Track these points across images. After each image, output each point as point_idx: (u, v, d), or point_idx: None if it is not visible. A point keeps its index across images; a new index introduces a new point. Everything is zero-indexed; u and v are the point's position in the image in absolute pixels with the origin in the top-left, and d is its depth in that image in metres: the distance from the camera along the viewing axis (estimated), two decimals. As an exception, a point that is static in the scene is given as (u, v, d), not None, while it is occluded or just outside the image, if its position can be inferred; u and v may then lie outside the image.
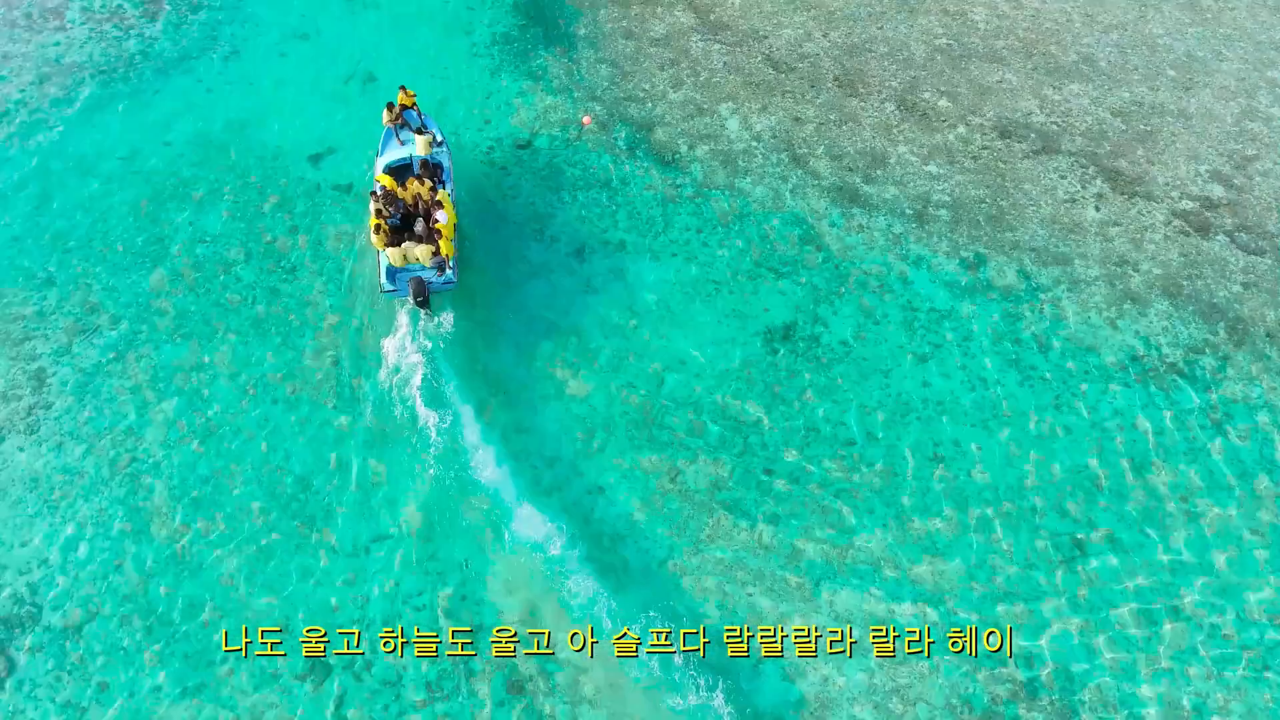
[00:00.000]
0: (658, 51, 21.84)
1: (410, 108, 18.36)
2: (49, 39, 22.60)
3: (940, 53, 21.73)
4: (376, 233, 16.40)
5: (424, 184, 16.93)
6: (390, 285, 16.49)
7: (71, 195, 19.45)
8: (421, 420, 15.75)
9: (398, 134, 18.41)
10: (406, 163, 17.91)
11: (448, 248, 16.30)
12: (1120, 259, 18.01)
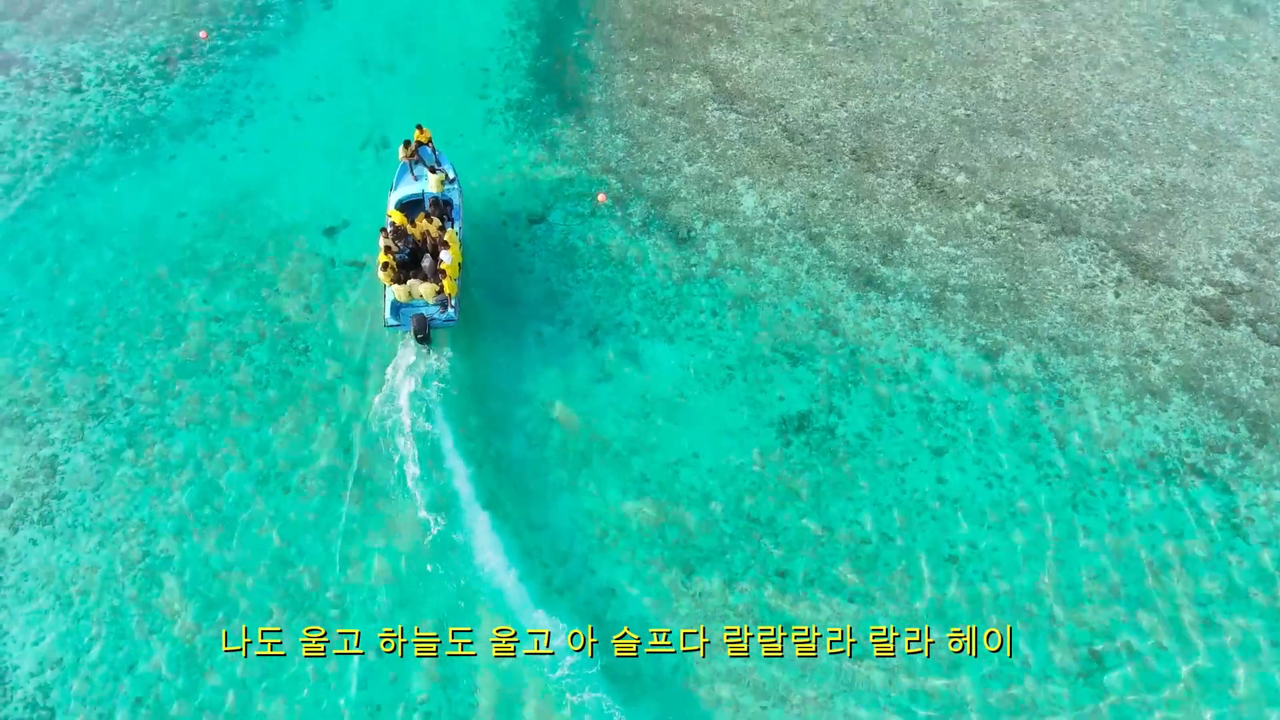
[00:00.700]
0: (673, 121, 21.90)
1: (425, 144, 19.34)
2: (64, 101, 22.83)
3: (959, 124, 21.72)
4: (384, 269, 17.27)
5: (432, 222, 17.85)
6: (394, 320, 17.42)
7: (87, 268, 19.64)
8: (433, 514, 15.85)
9: (412, 169, 19.42)
10: (419, 198, 18.88)
11: (451, 287, 17.28)
12: (1140, 349, 17.96)
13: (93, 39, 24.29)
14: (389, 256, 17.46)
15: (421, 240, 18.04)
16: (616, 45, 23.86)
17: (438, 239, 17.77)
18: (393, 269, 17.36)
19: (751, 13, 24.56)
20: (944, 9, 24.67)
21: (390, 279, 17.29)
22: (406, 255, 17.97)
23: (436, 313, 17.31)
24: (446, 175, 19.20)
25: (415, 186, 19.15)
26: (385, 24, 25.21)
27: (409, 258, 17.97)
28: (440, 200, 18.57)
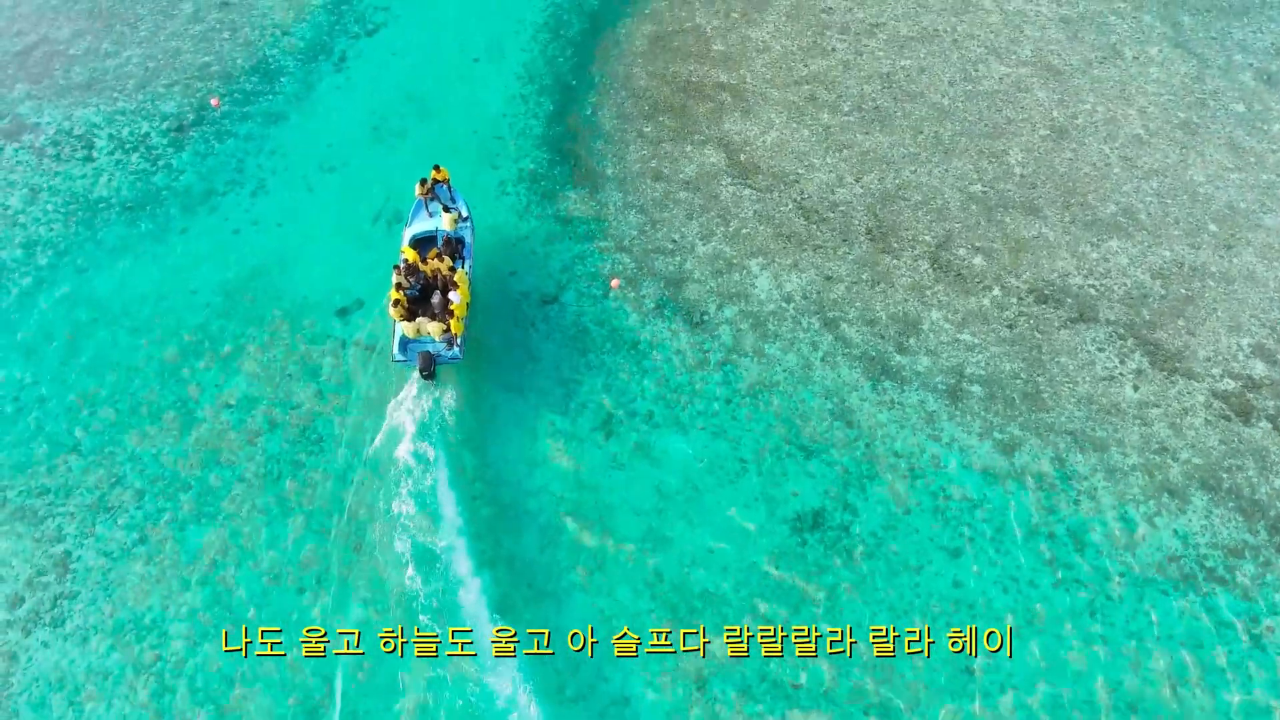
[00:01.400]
0: (687, 196, 21.98)
1: (442, 182, 20.09)
2: (76, 170, 23.02)
3: (975, 201, 21.75)
4: (395, 306, 18.12)
5: (444, 261, 18.77)
6: (401, 356, 18.38)
7: (99, 349, 19.79)
8: (444, 622, 15.88)
9: (427, 206, 20.30)
10: (432, 235, 19.90)
11: (458, 326, 18.17)
12: (1159, 446, 17.95)
13: (104, 103, 24.47)
14: (400, 294, 18.29)
15: (433, 277, 18.90)
16: (630, 114, 23.93)
17: (448, 277, 18.64)
18: (403, 306, 18.20)
19: (766, 80, 24.63)
20: (960, 76, 24.70)
21: (400, 315, 18.10)
22: (417, 291, 18.92)
23: (443, 350, 18.21)
24: (460, 213, 20.06)
25: (430, 223, 20.07)
26: (396, 86, 25.34)
27: (419, 294, 18.93)
28: (453, 239, 19.66)
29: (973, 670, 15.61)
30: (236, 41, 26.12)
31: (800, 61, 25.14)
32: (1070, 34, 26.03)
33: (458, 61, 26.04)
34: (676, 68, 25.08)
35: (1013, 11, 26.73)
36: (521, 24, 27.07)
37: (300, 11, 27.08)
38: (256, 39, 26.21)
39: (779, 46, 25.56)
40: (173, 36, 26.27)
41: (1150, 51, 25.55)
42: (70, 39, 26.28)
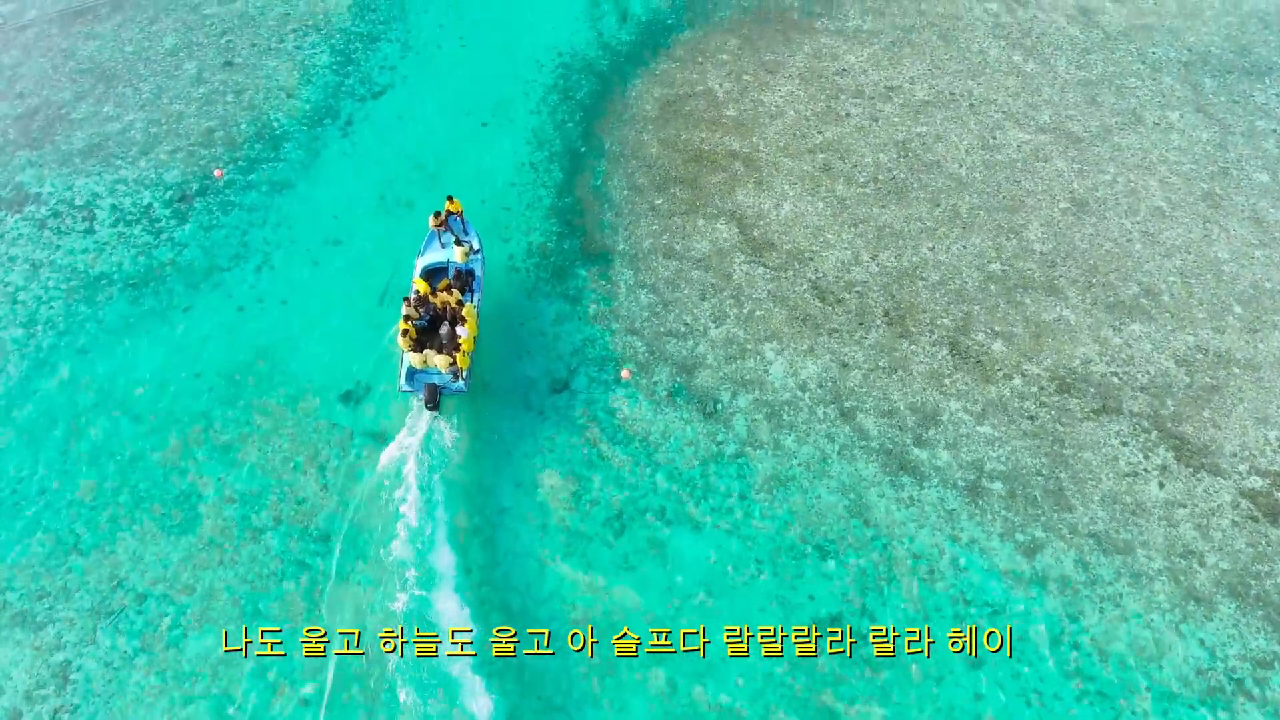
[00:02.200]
0: (699, 275, 21.79)
1: (455, 214, 20.83)
2: (78, 243, 22.91)
3: (994, 281, 21.53)
4: (404, 336, 18.95)
5: (453, 294, 19.65)
6: (408, 386, 19.06)
7: (100, 437, 19.65)
8: (455, 741, 15.72)
9: (440, 237, 21.06)
10: (444, 266, 20.75)
11: (464, 361, 18.94)
12: (1185, 549, 17.70)
13: (106, 171, 24.37)
14: (409, 325, 19.07)
15: (442, 309, 19.78)
16: (641, 185, 23.77)
17: (456, 310, 19.55)
18: (411, 336, 18.98)
19: (779, 148, 24.46)
20: (978, 144, 24.51)
21: (408, 346, 18.89)
22: (426, 322, 19.83)
23: (449, 381, 18.94)
24: (471, 246, 20.94)
25: (441, 254, 20.91)
26: (403, 152, 25.23)
27: (428, 324, 19.84)
28: (463, 271, 20.52)
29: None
30: (240, 105, 26.02)
31: (814, 128, 24.96)
32: (1089, 97, 25.83)
33: (465, 125, 25.91)
34: (688, 135, 24.92)
35: (1030, 73, 26.54)
36: (530, 85, 26.96)
37: (305, 73, 26.98)
38: (261, 102, 26.10)
39: (792, 112, 25.40)
40: (176, 99, 26.17)
41: (1171, 117, 25.34)
42: (72, 101, 26.21)
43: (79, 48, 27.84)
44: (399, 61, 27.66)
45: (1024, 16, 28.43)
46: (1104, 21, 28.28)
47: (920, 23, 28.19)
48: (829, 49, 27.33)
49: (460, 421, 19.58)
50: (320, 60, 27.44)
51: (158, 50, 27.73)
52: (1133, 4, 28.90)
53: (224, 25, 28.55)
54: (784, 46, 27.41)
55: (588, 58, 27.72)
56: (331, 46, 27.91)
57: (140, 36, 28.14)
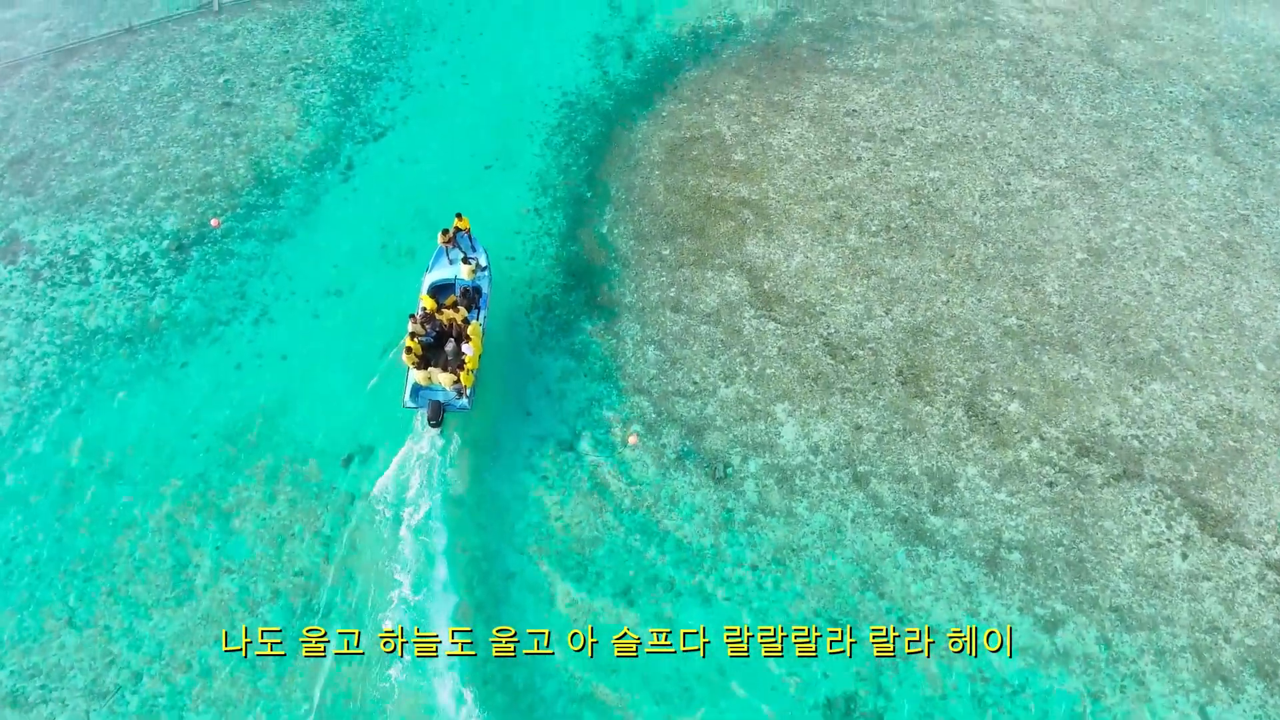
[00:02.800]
0: (708, 331, 21.44)
1: (463, 231, 21.12)
2: (72, 296, 22.58)
3: (1011, 337, 21.17)
4: (408, 353, 19.08)
5: (459, 311, 19.98)
6: (412, 403, 19.35)
7: (95, 502, 19.33)
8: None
9: (448, 254, 21.28)
10: (450, 282, 21.01)
11: (468, 379, 19.18)
12: (1210, 624, 17.33)
13: (102, 218, 24.06)
14: (414, 342, 19.28)
15: (448, 326, 20.10)
16: (648, 233, 23.44)
17: (462, 328, 19.88)
18: (416, 354, 19.20)
19: (789, 195, 24.11)
20: (992, 190, 24.17)
21: (413, 362, 19.08)
22: (432, 338, 20.13)
23: (453, 398, 19.23)
24: (478, 263, 21.06)
25: (449, 271, 21.22)
26: (405, 198, 24.91)
27: (434, 340, 20.13)
28: (470, 288, 20.78)
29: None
30: (238, 148, 25.70)
31: (825, 173, 24.63)
32: (1105, 140, 25.49)
33: (468, 168, 25.60)
34: (696, 180, 24.59)
35: (1045, 114, 26.20)
36: (534, 126, 26.65)
37: (305, 113, 26.68)
38: (259, 145, 25.79)
39: (802, 156, 25.06)
40: (172, 142, 25.87)
41: (1189, 160, 24.99)
42: (67, 144, 25.90)
43: (74, 87, 27.54)
44: (400, 101, 27.34)
45: (1037, 54, 28.09)
46: (1119, 59, 27.94)
47: (932, 61, 27.86)
48: (839, 88, 27.00)
49: (464, 485, 19.24)
50: (320, 100, 27.13)
51: (154, 89, 27.42)
52: (1148, 40, 28.56)
53: (222, 63, 28.25)
54: (793, 86, 27.09)
55: (592, 97, 27.39)
56: (332, 86, 27.60)
57: (137, 75, 27.84)
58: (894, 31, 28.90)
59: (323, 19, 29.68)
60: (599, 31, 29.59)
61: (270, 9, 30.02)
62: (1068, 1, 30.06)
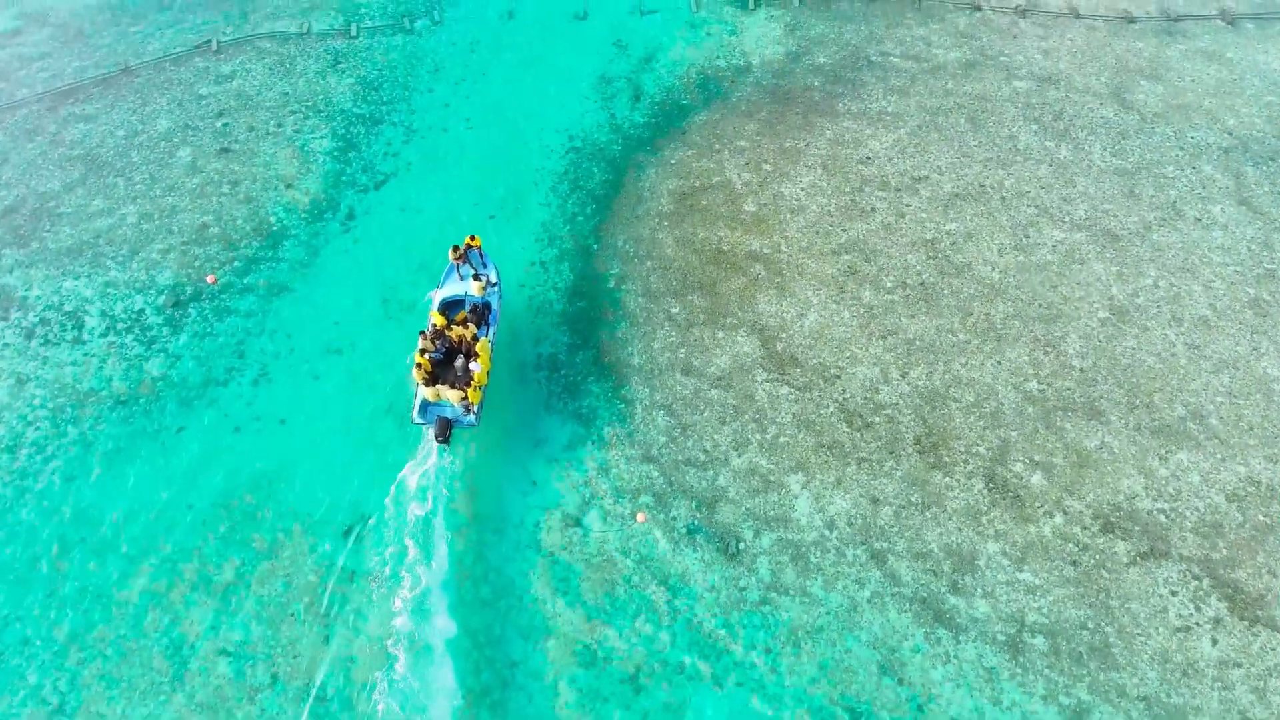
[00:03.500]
0: (719, 395, 20.98)
1: (474, 248, 21.43)
2: (66, 355, 22.18)
3: (1032, 402, 20.68)
4: (418, 369, 19.46)
5: (469, 328, 20.36)
6: (421, 419, 19.68)
7: (87, 577, 18.96)
8: None
9: (459, 270, 21.73)
10: (461, 298, 21.36)
11: (475, 396, 19.45)
12: (1241, 714, 16.86)
13: (96, 272, 23.65)
14: (424, 358, 19.59)
15: (457, 343, 20.41)
16: (657, 290, 22.99)
17: (471, 345, 20.18)
18: (425, 370, 19.48)
19: (801, 248, 23.66)
20: (1010, 243, 23.70)
21: (422, 379, 19.43)
22: (441, 354, 20.43)
23: (460, 415, 19.55)
24: (489, 279, 21.50)
25: (460, 288, 21.58)
26: (407, 250, 24.51)
27: (444, 356, 20.42)
28: (480, 305, 21.08)
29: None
30: (236, 197, 25.30)
31: (838, 225, 24.17)
32: (1126, 189, 25.01)
33: (472, 218, 25.18)
34: (705, 233, 24.14)
35: (1064, 161, 25.73)
36: (540, 173, 26.23)
37: (305, 160, 26.27)
38: (258, 194, 25.38)
39: (815, 206, 24.61)
40: (169, 190, 25.47)
41: (1213, 211, 24.51)
42: (60, 193, 25.52)
43: (69, 131, 27.15)
44: (402, 147, 26.92)
45: (1055, 97, 27.62)
46: (1139, 102, 27.46)
47: (947, 104, 27.40)
48: (852, 134, 26.55)
49: (469, 561, 18.81)
50: (320, 146, 26.72)
51: (151, 134, 27.03)
52: (1169, 82, 28.08)
53: (220, 106, 27.86)
54: (805, 131, 26.64)
55: (599, 142, 26.96)
56: (332, 130, 27.20)
57: (133, 119, 27.45)
58: (907, 73, 28.45)
59: (323, 59, 29.28)
60: (605, 72, 29.17)
61: (270, 48, 29.63)
62: (1086, 40, 29.59)
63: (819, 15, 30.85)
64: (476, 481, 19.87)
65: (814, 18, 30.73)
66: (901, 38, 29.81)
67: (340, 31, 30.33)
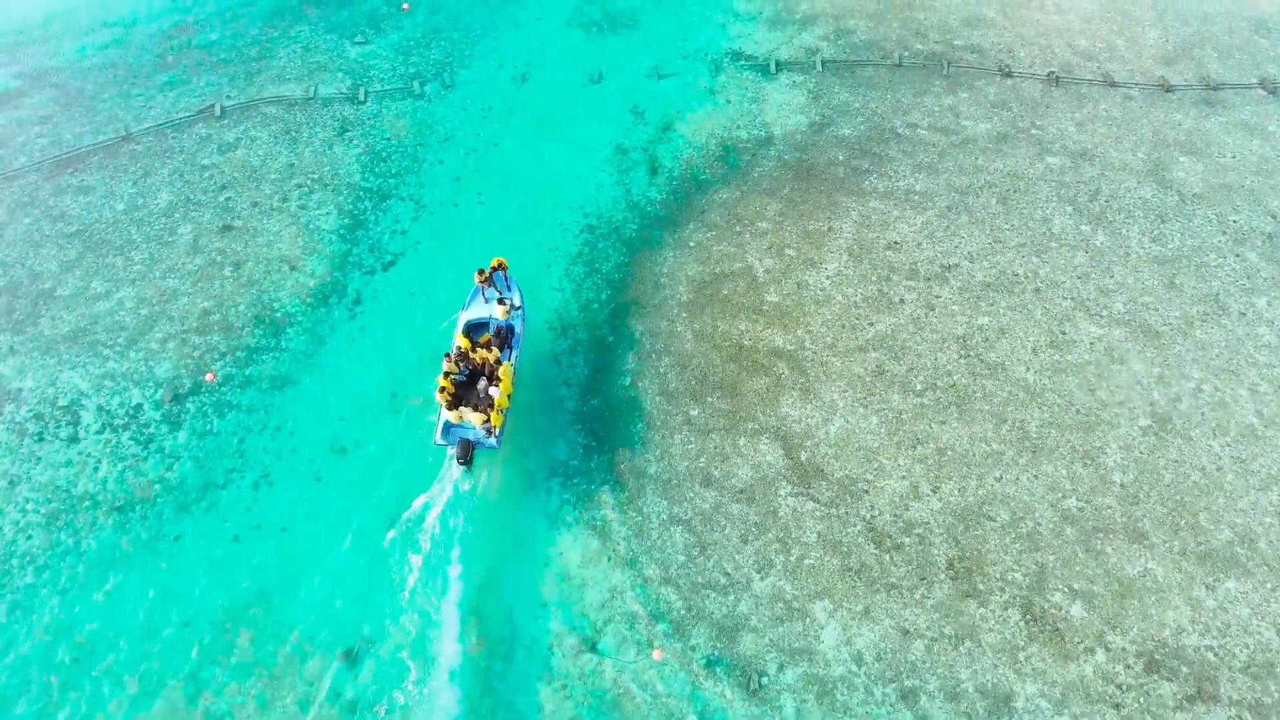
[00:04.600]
0: (741, 511, 20.20)
1: (499, 270, 22.17)
2: (60, 455, 21.53)
3: (1071, 523, 19.85)
4: (441, 392, 20.00)
5: (492, 351, 21.02)
6: (443, 440, 20.37)
7: (81, 704, 18.30)
8: None
9: (484, 293, 22.44)
10: (485, 321, 22.15)
11: (497, 419, 20.13)
12: None
13: (93, 362, 23.02)
14: (448, 380, 20.18)
15: (480, 365, 21.04)
16: (675, 389, 22.23)
17: (494, 368, 20.80)
18: (449, 392, 20.11)
19: (827, 344, 22.87)
20: (1045, 341, 22.87)
21: (446, 401, 20.03)
22: (465, 377, 21.12)
23: (482, 437, 20.25)
24: (512, 303, 22.15)
25: (484, 310, 22.34)
26: (415, 339, 23.84)
27: (467, 378, 21.12)
28: (503, 329, 21.83)
29: None
30: (239, 280, 24.64)
31: (865, 318, 23.38)
32: (1166, 280, 24.17)
33: (482, 303, 24.35)
34: (726, 326, 23.37)
35: (1100, 248, 24.90)
36: (554, 254, 25.54)
37: (310, 239, 25.63)
38: (261, 277, 24.73)
39: (840, 297, 23.82)
40: (169, 272, 24.84)
41: (1258, 304, 23.64)
42: (58, 273, 24.92)
43: (67, 205, 26.56)
44: (411, 224, 26.25)
45: (1090, 174, 26.79)
46: (1178, 180, 26.61)
47: (977, 182, 26.59)
48: (879, 215, 25.77)
49: (476, 696, 18.05)
50: (326, 223, 26.07)
51: (152, 209, 26.42)
52: (1209, 158, 27.23)
53: (223, 178, 27.22)
54: (829, 212, 25.86)
55: (615, 221, 26.24)
56: (338, 206, 26.54)
57: (133, 191, 26.84)
58: (936, 147, 27.65)
59: (330, 126, 28.64)
60: (621, 141, 28.46)
61: (275, 114, 29.00)
62: (1121, 111, 28.76)
63: (843, 82, 30.08)
64: (485, 601, 19.18)
65: (838, 84, 29.97)
66: (929, 107, 29.02)
67: (348, 96, 29.69)
